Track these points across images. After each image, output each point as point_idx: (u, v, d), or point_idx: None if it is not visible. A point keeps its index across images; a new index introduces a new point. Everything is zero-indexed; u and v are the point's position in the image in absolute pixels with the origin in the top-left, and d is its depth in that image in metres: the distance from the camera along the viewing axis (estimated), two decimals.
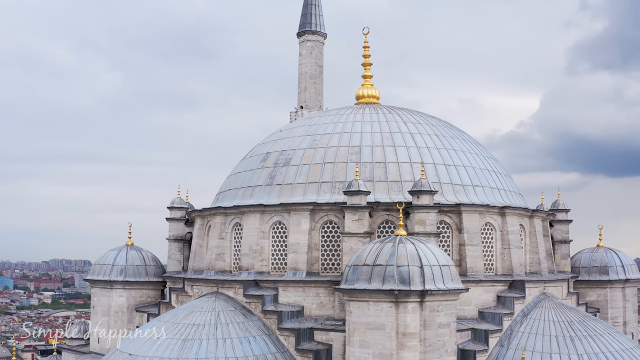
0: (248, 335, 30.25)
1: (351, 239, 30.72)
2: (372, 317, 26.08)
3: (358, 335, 26.45)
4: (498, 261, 33.82)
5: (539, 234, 36.35)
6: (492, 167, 37.28)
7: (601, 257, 40.01)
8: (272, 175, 34.97)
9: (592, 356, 29.73)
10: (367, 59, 41.79)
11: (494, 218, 33.94)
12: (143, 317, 37.75)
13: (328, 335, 29.39)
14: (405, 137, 35.54)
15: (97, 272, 39.32)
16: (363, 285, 26.22)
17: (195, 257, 36.84)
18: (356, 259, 27.34)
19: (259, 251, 33.11)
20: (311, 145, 35.40)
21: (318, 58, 63.59)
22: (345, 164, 33.99)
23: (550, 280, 35.21)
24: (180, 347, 29.35)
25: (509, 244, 33.83)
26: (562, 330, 31.04)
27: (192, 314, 31.39)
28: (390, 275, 25.79)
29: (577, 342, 30.29)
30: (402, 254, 26.24)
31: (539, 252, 35.79)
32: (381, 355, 25.74)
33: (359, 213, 30.83)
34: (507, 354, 30.28)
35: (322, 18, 64.38)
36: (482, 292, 32.08)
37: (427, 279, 25.79)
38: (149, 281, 39.18)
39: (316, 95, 63.17)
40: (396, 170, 33.80)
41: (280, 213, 32.96)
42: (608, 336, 31.32)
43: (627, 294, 39.69)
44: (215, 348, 29.23)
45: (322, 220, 32.41)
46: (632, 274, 39.55)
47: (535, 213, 36.11)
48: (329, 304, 30.95)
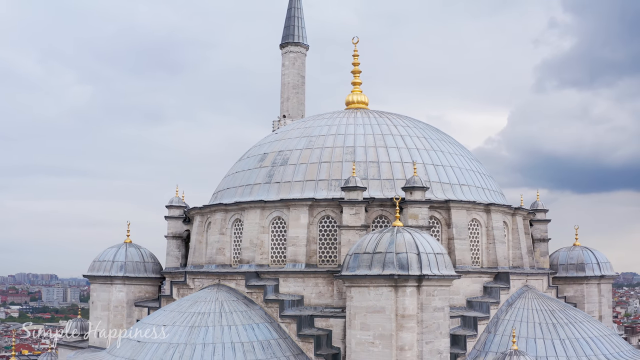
0: (251, 322, 31.93)
1: (349, 231, 32.63)
2: (372, 301, 27.96)
3: (359, 318, 28.29)
4: (484, 255, 35.96)
5: (521, 230, 38.59)
6: (476, 168, 39.50)
7: (578, 255, 42.26)
8: (270, 174, 36.77)
9: (574, 341, 31.93)
10: (357, 67, 43.87)
11: (480, 215, 36.10)
12: (142, 312, 39.11)
13: (328, 321, 31.26)
14: (396, 139, 37.60)
15: (96, 269, 40.59)
16: (364, 271, 28.11)
17: (195, 252, 38.42)
18: (357, 247, 29.23)
19: (259, 245, 34.84)
20: (307, 146, 37.30)
21: (300, 69, 65.18)
22: (341, 163, 35.94)
23: (532, 273, 37.47)
24: (188, 333, 30.92)
25: (494, 239, 36.00)
26: (545, 317, 33.21)
27: (197, 304, 32.99)
28: (390, 262, 27.73)
29: (559, 329, 32.47)
30: (401, 242, 28.20)
31: (521, 247, 38.01)
32: (381, 336, 27.61)
33: (356, 207, 32.78)
34: (495, 339, 32.35)
35: (305, 30, 66.25)
36: (470, 283, 34.13)
37: (424, 265, 27.76)
38: (148, 277, 40.59)
39: (298, 104, 64.85)
40: (388, 169, 35.82)
41: (279, 209, 34.76)
42: (587, 323, 33.58)
43: (602, 289, 41.97)
44: (221, 334, 30.86)
45: (320, 216, 34.27)
46: (607, 271, 41.86)
47: (517, 211, 38.37)
48: (327, 293, 32.76)
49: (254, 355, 30.22)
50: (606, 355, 31.72)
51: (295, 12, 65.93)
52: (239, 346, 30.49)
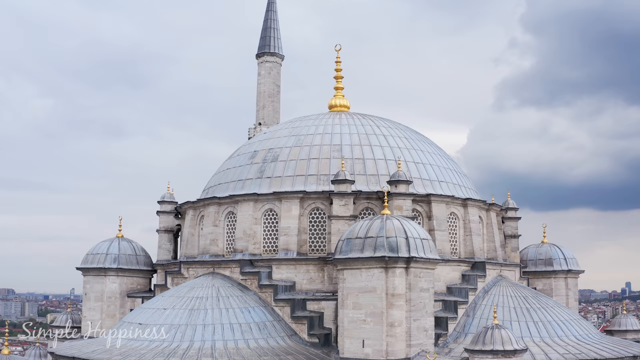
0: (247, 306, 33.97)
1: (339, 221, 34.92)
2: (364, 281, 30.23)
3: (351, 298, 30.52)
4: (461, 246, 38.51)
5: (495, 225, 41.28)
6: (453, 167, 42.15)
7: (546, 251, 45.05)
8: (261, 169, 38.91)
9: (546, 324, 34.53)
10: (339, 73, 46.41)
11: (458, 209, 38.68)
12: (135, 302, 40.73)
13: (320, 304, 33.51)
14: (379, 138, 40.07)
15: (90, 261, 42.02)
16: (357, 254, 30.38)
17: (188, 244, 40.28)
18: (349, 233, 31.51)
19: (252, 235, 36.89)
20: (296, 144, 39.56)
21: (276, 78, 66.90)
22: (329, 159, 38.26)
23: (505, 264, 40.17)
24: (188, 316, 32.86)
25: (470, 232, 38.59)
26: (519, 303, 35.80)
27: (194, 289, 34.92)
28: (381, 245, 30.05)
29: (532, 313, 35.06)
30: (390, 227, 30.56)
31: (495, 240, 40.68)
32: (373, 314, 29.86)
33: (346, 199, 35.12)
34: (473, 322, 34.82)
35: (280, 41, 68.33)
36: (449, 271, 36.59)
37: (412, 248, 30.14)
38: (140, 269, 42.22)
39: (274, 113, 66.57)
40: (373, 166, 38.25)
41: (272, 201, 36.90)
42: (558, 309, 36.27)
43: (569, 283, 44.73)
44: (219, 316, 32.85)
45: (310, 207, 36.50)
46: (574, 266, 44.63)
47: (491, 207, 41.06)
48: (318, 279, 34.96)
49: (251, 335, 32.27)
50: (576, 336, 34.34)
51: (271, 24, 67.86)
52: (236, 327, 32.51)
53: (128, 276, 41.84)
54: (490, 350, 27.77)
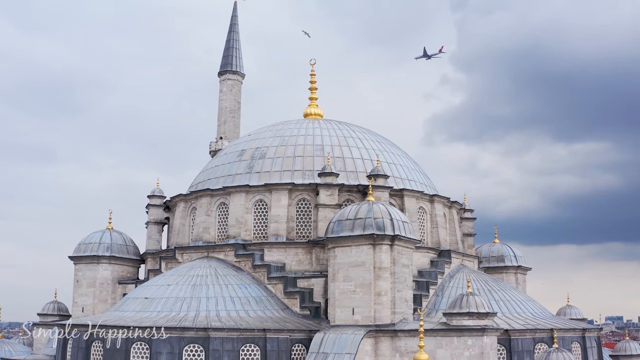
0: (244, 283, 37.61)
1: (325, 209, 39.08)
2: (354, 257, 34.38)
3: (342, 272, 34.60)
4: (429, 237, 43.12)
5: (456, 221, 46.12)
6: (419, 168, 46.95)
7: (498, 249, 50.01)
8: (250, 166, 42.80)
9: (507, 302, 39.23)
10: (314, 84, 50.92)
11: (426, 204, 43.37)
12: (126, 288, 43.69)
13: (309, 281, 37.47)
14: (356, 141, 44.60)
15: (82, 250, 44.78)
16: (347, 233, 34.55)
17: (179, 234, 43.65)
18: (339, 215, 35.68)
19: (243, 223, 40.65)
20: (282, 143, 43.67)
21: (237, 95, 70.71)
22: (312, 157, 42.49)
23: (467, 255, 45.03)
24: (192, 290, 36.29)
25: (437, 224, 43.29)
26: (482, 285, 40.47)
27: (193, 269, 38.37)
28: (369, 225, 34.30)
29: (494, 293, 39.74)
30: (377, 210, 34.88)
31: (456, 235, 45.49)
32: (362, 285, 33.98)
33: (331, 189, 39.34)
34: (442, 300, 39.25)
35: (242, 60, 72.32)
36: (420, 257, 41.01)
37: (396, 228, 34.48)
38: (130, 258, 45.27)
39: (234, 127, 70.27)
40: (352, 164, 42.64)
41: (262, 192, 40.80)
42: (515, 291, 41.18)
43: (519, 278, 49.70)
44: (220, 290, 36.41)
45: (297, 198, 40.54)
46: (523, 263, 49.69)
47: (453, 204, 45.94)
48: (306, 261, 38.90)
49: (250, 307, 35.93)
50: (532, 313, 39.14)
51: (233, 44, 71.81)
52: (236, 300, 36.12)
53: (119, 264, 44.79)
54: (467, 312, 32.22)
